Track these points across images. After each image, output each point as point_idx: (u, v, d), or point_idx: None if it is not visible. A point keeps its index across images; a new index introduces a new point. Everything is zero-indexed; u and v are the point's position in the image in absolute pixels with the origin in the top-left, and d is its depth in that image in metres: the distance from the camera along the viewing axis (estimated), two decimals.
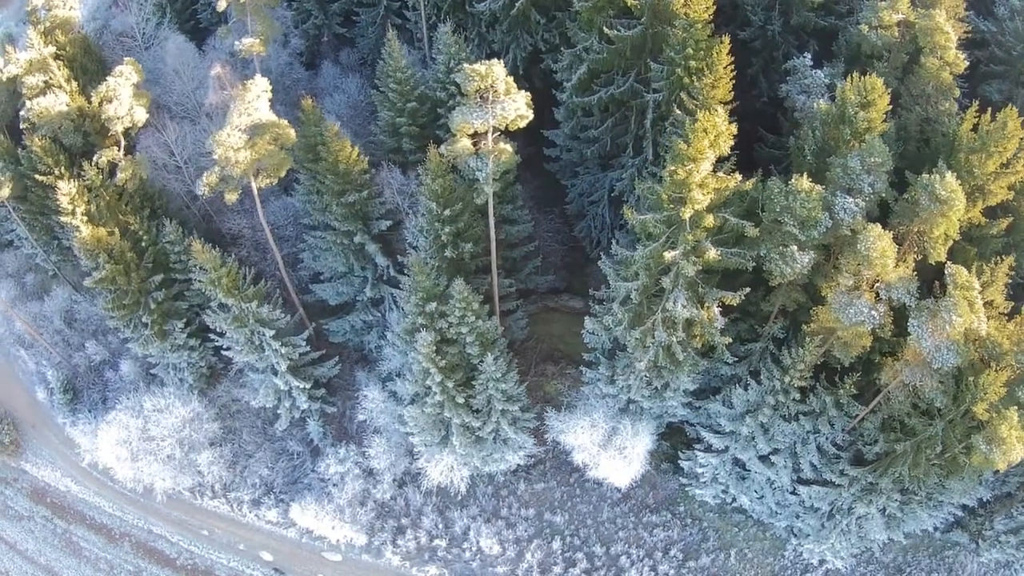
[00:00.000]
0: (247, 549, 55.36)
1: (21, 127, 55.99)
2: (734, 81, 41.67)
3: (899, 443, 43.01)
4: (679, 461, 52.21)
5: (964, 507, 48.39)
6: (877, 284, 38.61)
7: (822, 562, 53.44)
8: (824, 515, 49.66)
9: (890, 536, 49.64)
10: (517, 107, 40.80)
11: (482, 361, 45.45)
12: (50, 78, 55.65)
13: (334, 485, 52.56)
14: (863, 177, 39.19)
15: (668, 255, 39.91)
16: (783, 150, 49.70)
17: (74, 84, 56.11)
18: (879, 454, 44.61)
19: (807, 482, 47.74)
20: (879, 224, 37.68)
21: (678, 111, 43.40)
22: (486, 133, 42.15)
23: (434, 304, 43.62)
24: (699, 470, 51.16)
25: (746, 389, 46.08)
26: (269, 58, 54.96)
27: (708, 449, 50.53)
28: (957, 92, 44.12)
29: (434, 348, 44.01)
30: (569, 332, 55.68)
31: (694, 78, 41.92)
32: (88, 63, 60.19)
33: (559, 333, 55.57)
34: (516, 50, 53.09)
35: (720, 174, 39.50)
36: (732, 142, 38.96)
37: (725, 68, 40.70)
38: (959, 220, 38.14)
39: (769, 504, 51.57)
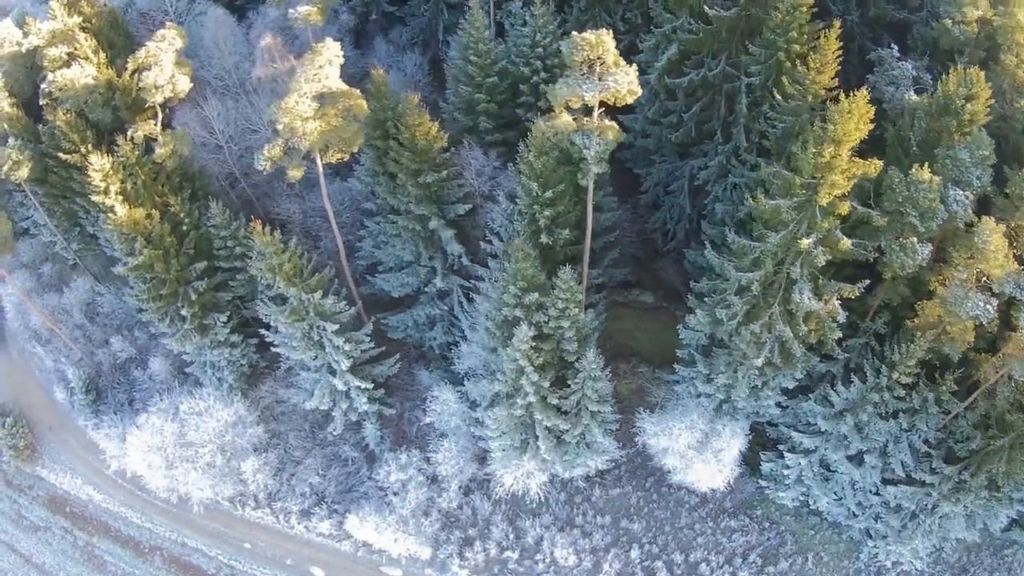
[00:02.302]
0: (295, 564, 44.70)
1: (41, 103, 44.75)
2: None
3: (996, 439, 37.19)
4: (761, 463, 43.73)
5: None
6: (984, 279, 33.68)
7: (895, 563, 45.84)
8: (906, 515, 42.24)
9: (967, 535, 42.87)
10: (629, 80, 32.34)
11: (579, 358, 36.21)
12: (75, 49, 44.81)
13: (395, 494, 42.45)
14: (971, 170, 34.44)
15: (804, 242, 32.28)
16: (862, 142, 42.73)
17: (101, 56, 45.04)
18: (972, 451, 38.30)
19: (894, 481, 40.54)
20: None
21: (778, 96, 36.23)
22: (589, 109, 33.49)
23: (535, 295, 34.11)
24: (785, 472, 42.94)
25: (847, 386, 38.36)
26: (319, 32, 44.57)
27: (793, 450, 42.43)
28: None
29: (531, 344, 34.56)
30: (639, 328, 46.92)
31: (796, 63, 35.43)
32: (115, 37, 49.31)
33: (628, 329, 46.55)
34: (592, 28, 43.73)
35: (855, 159, 32.77)
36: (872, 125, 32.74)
37: (833, 53, 34.11)
38: None
39: (848, 505, 43.99)
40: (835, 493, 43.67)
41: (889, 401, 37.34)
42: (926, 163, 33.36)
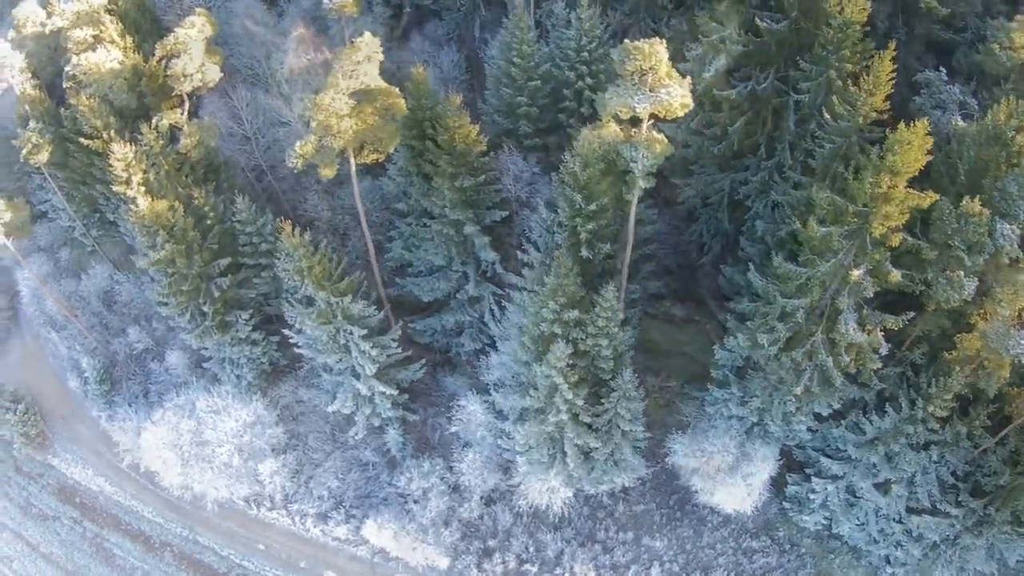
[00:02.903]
0: (309, 568, 42.56)
1: (64, 85, 42.13)
2: None
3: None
4: (787, 485, 41.60)
5: None
6: None
7: None
8: (928, 545, 40.19)
9: (986, 567, 40.86)
10: (682, 94, 29.98)
11: (614, 376, 33.96)
12: (101, 32, 42.11)
13: (415, 502, 40.27)
14: (1019, 203, 31.98)
15: (855, 273, 29.97)
16: None
17: (128, 40, 42.35)
18: (999, 486, 36.25)
19: (918, 511, 38.43)
20: None
21: (827, 115, 33.76)
22: (638, 119, 31.04)
23: (575, 312, 31.76)
24: (811, 496, 40.83)
25: (880, 415, 36.24)
26: (354, 23, 41.84)
27: (820, 475, 40.36)
28: None
29: (567, 362, 32.27)
30: (668, 341, 44.51)
31: (848, 82, 32.95)
32: (142, 21, 46.45)
33: (658, 342, 44.23)
34: (636, 33, 41.28)
35: (911, 190, 30.26)
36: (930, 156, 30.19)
37: (887, 75, 31.66)
38: None
39: (871, 531, 41.83)
40: (858, 519, 41.68)
41: (922, 433, 35.29)
42: (977, 196, 30.98)
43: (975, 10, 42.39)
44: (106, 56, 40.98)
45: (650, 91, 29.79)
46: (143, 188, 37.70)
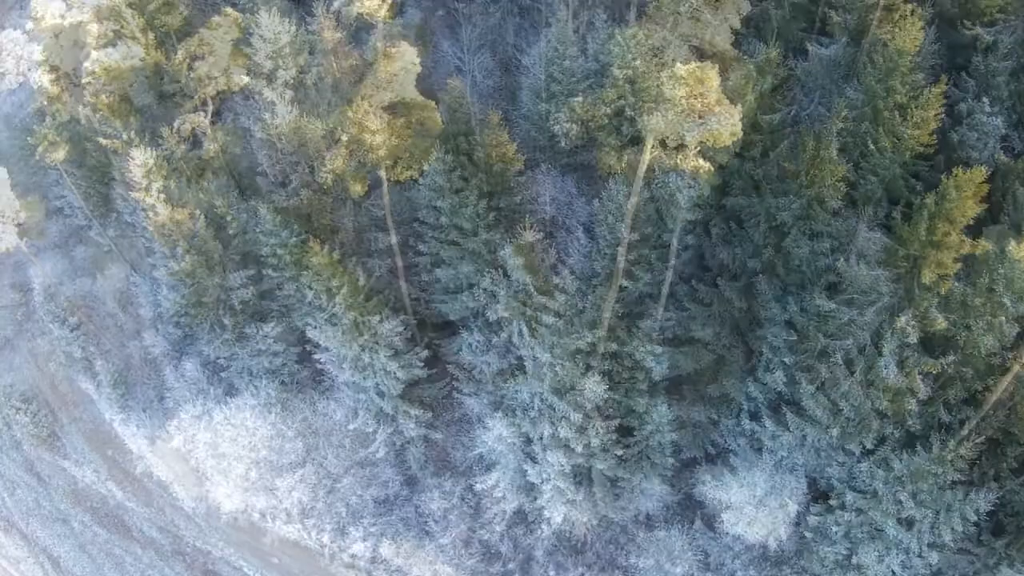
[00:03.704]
0: None
1: (83, 81, 39.57)
2: None
3: None
4: (810, 515, 39.95)
5: None
6: None
7: None
8: None
9: None
10: (732, 123, 27.79)
11: (648, 410, 32.11)
12: (122, 27, 39.55)
13: (435, 522, 38.55)
14: None
15: (901, 319, 28.38)
16: None
17: (150, 36, 39.82)
18: (1021, 527, 35.02)
19: (940, 547, 37.09)
20: None
21: (872, 146, 31.64)
22: (685, 146, 28.86)
23: (613, 344, 29.79)
24: (834, 528, 39.23)
25: (909, 453, 34.77)
26: (387, 28, 39.26)
27: (844, 507, 38.74)
28: None
29: (602, 395, 30.39)
30: (698, 365, 42.15)
31: (895, 113, 31.02)
32: (164, 16, 43.50)
33: (683, 363, 41.85)
34: (675, 51, 38.88)
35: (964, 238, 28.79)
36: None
37: (936, 110, 30.03)
38: None
39: (891, 565, 40.18)
40: (878, 551, 40.29)
41: (950, 473, 33.82)
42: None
43: (1018, 38, 40.28)
44: (127, 52, 38.56)
45: (699, 118, 27.71)
46: (163, 196, 35.46)
